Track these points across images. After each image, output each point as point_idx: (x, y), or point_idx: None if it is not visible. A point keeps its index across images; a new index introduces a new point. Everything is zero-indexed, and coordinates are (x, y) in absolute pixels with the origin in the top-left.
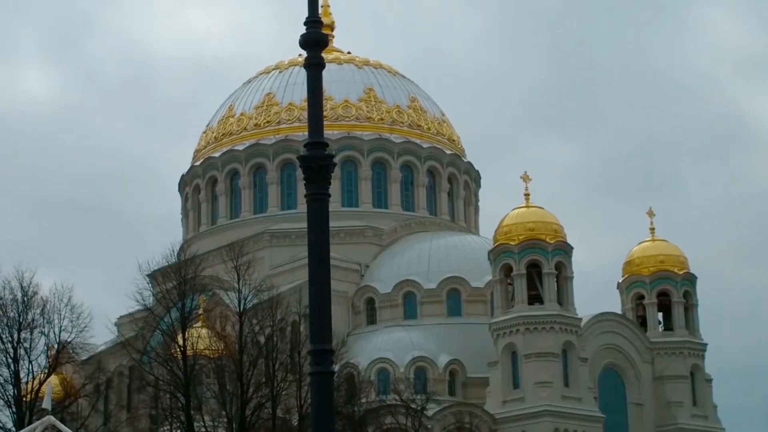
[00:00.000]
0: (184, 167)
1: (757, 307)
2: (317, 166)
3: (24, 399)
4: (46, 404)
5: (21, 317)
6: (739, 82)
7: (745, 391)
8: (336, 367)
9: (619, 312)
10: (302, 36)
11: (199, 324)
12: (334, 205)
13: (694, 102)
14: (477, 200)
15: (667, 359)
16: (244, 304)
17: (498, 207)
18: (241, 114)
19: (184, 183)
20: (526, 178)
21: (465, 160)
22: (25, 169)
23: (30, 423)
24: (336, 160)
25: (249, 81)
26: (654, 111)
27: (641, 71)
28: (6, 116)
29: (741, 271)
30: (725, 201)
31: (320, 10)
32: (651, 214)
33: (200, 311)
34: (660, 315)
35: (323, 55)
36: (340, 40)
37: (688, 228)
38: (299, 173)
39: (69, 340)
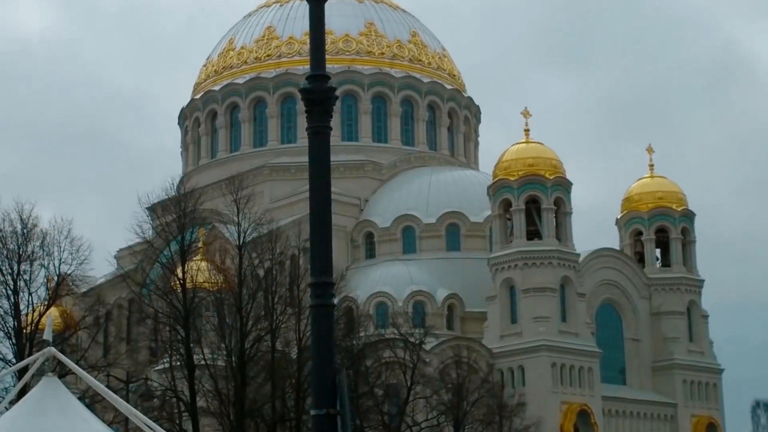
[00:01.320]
0: (184, 100)
1: (754, 244)
2: (319, 99)
3: (24, 331)
4: (47, 336)
5: (21, 249)
6: (740, 20)
7: (741, 327)
8: (335, 301)
9: (617, 248)
10: None
11: (198, 257)
12: (334, 139)
13: (696, 40)
14: (477, 135)
15: (664, 295)
16: (244, 237)
17: (498, 143)
18: (242, 47)
19: (184, 116)
20: (526, 113)
21: (465, 96)
22: (24, 101)
23: (30, 354)
24: (336, 94)
25: (249, 14)
26: (655, 48)
27: (643, 8)
28: (4, 47)
29: (739, 208)
30: (724, 138)
31: None
32: (650, 150)
33: (200, 244)
34: (658, 251)
35: None
36: None
37: (687, 165)
38: (299, 107)
39: (69, 272)
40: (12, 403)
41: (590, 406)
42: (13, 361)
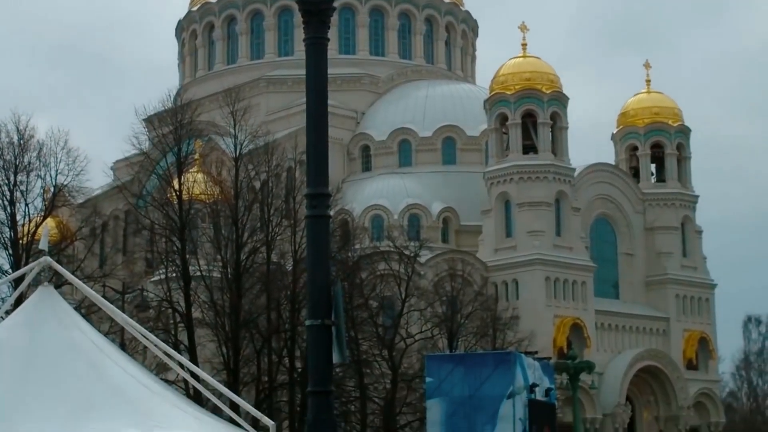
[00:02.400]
0: (181, 13)
1: (749, 161)
2: (316, 9)
3: (20, 242)
4: (43, 245)
5: (17, 160)
6: None
7: (735, 243)
8: (331, 213)
9: (613, 163)
10: None
11: (194, 169)
12: (331, 52)
13: None
14: (474, 49)
15: (659, 210)
16: (240, 149)
17: (495, 57)
18: None
19: (181, 28)
20: (523, 28)
21: (463, 9)
22: (21, 16)
23: (26, 264)
24: (334, 5)
25: None
26: None
27: None
28: None
29: (734, 124)
30: (722, 55)
31: None
32: (647, 66)
33: (196, 156)
34: (653, 166)
35: None
36: None
37: (683, 81)
38: (296, 19)
39: (65, 183)
40: (8, 312)
41: (583, 320)
42: (10, 271)
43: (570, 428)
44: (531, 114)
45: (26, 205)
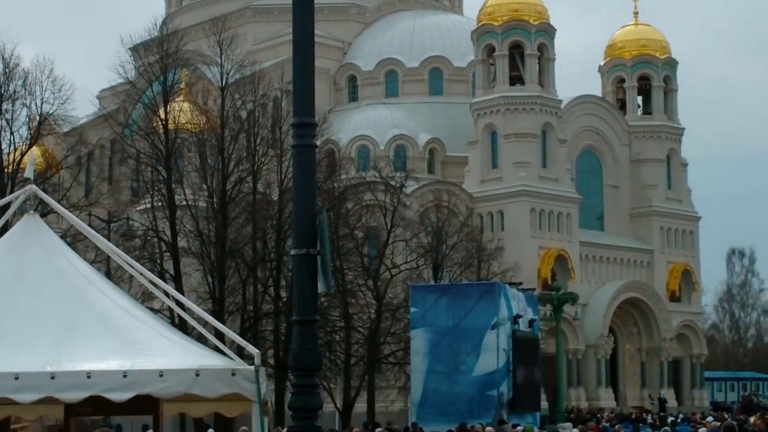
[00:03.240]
0: None
1: (735, 95)
2: None
3: (6, 170)
4: (29, 173)
5: (2, 88)
6: None
7: (720, 176)
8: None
9: (600, 95)
10: None
11: (181, 98)
12: None
13: None
14: None
15: (645, 142)
16: (226, 79)
17: None
18: None
19: None
20: None
21: None
22: None
23: (12, 193)
24: None
25: None
26: None
27: None
28: None
29: (722, 58)
30: None
31: None
32: None
33: (182, 85)
34: (639, 99)
35: None
36: None
37: (671, 14)
38: None
39: (51, 111)
40: None
41: (568, 252)
42: None
43: (553, 359)
44: (518, 45)
45: (11, 133)
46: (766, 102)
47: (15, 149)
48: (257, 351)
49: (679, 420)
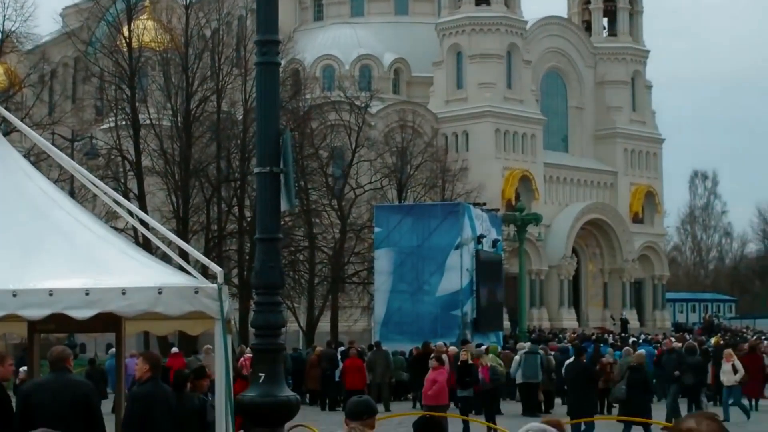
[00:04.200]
0: None
1: (699, 17)
2: None
3: None
4: None
5: None
6: None
7: (684, 98)
8: (281, 61)
9: (565, 16)
10: None
11: (145, 16)
12: None
13: None
14: None
15: (610, 64)
16: None
17: None
18: None
19: None
20: None
21: None
22: None
23: None
24: None
25: None
26: None
27: None
28: None
29: None
30: None
31: None
32: None
33: (146, 3)
34: (605, 21)
35: None
36: None
37: None
38: None
39: (13, 29)
40: None
41: (532, 173)
42: None
43: (516, 279)
44: None
45: None
46: (731, 25)
47: None
48: (220, 269)
49: (640, 341)
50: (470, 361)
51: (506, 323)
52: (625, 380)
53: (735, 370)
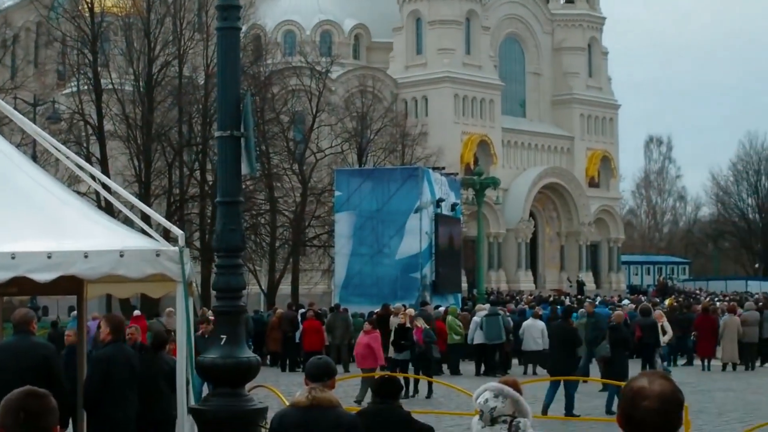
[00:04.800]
0: None
1: None
2: None
3: None
4: None
5: None
6: None
7: (640, 65)
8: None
9: None
10: None
11: None
12: None
13: None
14: None
15: (567, 31)
16: None
17: None
18: None
19: None
20: None
21: None
22: None
23: None
24: None
25: None
26: None
27: None
28: None
29: None
30: None
31: None
32: None
33: None
34: None
35: None
36: None
37: None
38: None
39: None
40: None
41: (490, 138)
42: None
43: (474, 242)
44: None
45: None
46: None
47: None
48: (181, 232)
49: (596, 302)
50: (408, 325)
51: (464, 285)
52: (608, 339)
53: (663, 331)
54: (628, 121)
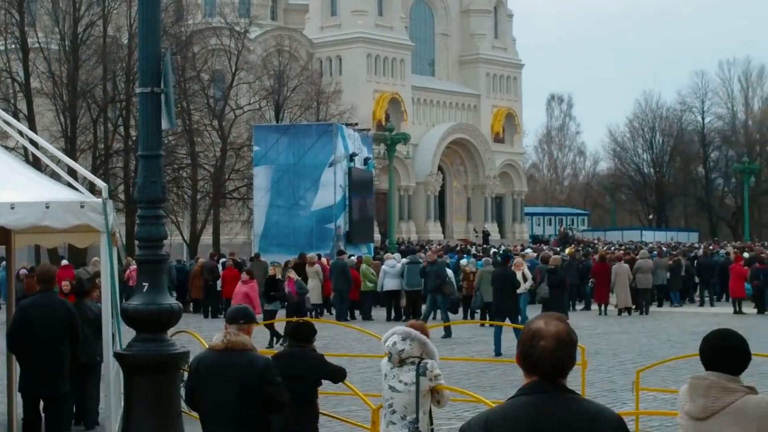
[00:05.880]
0: None
1: None
2: None
3: None
4: None
5: None
6: None
7: (542, 27)
8: None
9: None
10: None
11: None
12: None
13: None
14: None
15: None
16: None
17: None
18: None
19: None
20: None
21: None
22: None
23: None
24: None
25: None
26: None
27: None
28: None
29: None
30: None
31: None
32: None
33: None
34: None
35: None
36: None
37: None
38: None
39: None
40: None
41: (401, 95)
42: None
43: (385, 195)
44: None
45: None
46: None
47: None
48: (105, 185)
49: (500, 251)
50: (278, 277)
51: (377, 236)
52: (546, 281)
53: (524, 278)
54: (531, 81)
